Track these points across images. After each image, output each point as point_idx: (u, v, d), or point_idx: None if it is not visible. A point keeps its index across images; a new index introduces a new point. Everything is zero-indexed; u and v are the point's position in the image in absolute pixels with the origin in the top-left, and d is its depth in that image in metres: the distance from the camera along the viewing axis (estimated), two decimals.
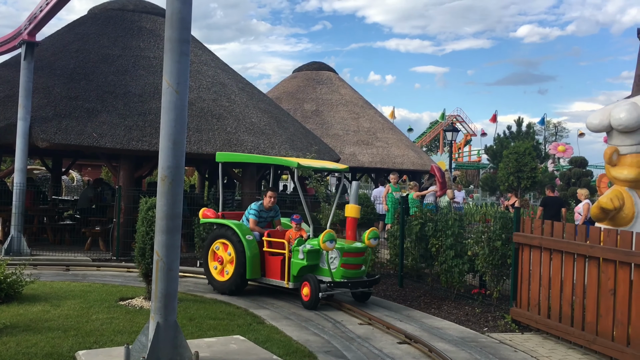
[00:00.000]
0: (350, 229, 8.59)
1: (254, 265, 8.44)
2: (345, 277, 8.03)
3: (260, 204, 9.09)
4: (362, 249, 8.25)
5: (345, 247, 8.07)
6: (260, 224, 9.06)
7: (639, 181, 6.69)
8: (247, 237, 8.51)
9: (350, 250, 8.10)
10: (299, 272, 8.15)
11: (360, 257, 8.21)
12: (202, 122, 12.91)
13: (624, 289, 5.82)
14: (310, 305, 7.86)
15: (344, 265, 8.04)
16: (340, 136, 23.40)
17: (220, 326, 6.72)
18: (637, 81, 7.28)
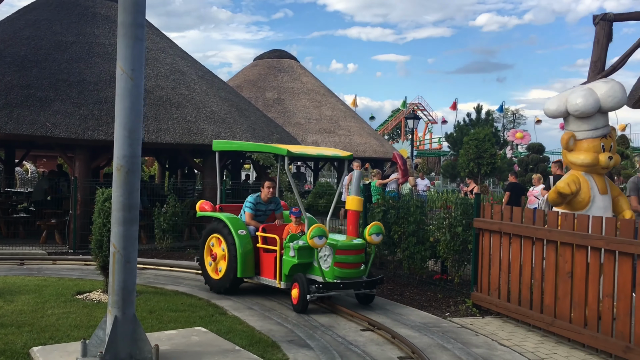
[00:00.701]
0: (351, 224, 7.68)
1: (246, 263, 7.76)
2: (340, 277, 7.18)
3: (257, 196, 8.39)
4: (359, 245, 7.38)
5: (338, 243, 7.24)
6: (259, 217, 8.37)
7: (595, 166, 6.82)
8: (239, 231, 7.85)
9: (344, 247, 7.25)
10: (290, 271, 7.40)
11: (357, 255, 7.35)
12: (160, 110, 12.65)
13: (580, 272, 5.94)
14: (298, 309, 7.12)
15: (337, 264, 7.19)
16: (302, 124, 23.31)
17: (182, 318, 6.61)
18: (592, 67, 7.41)
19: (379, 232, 7.47)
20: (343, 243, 7.28)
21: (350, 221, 7.71)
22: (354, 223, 7.67)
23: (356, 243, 7.37)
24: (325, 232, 7.02)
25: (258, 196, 8.39)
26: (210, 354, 5.17)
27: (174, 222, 12.17)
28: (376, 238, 7.46)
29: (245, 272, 7.79)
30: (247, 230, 7.94)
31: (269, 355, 5.37)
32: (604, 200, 6.89)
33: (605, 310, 5.68)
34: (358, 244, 7.38)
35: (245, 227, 8.02)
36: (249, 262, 7.81)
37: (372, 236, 7.43)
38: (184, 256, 11.47)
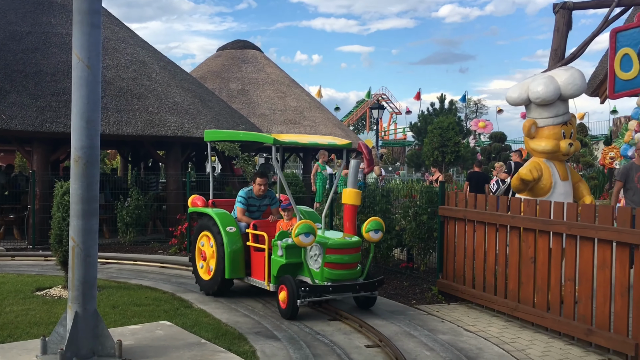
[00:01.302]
0: (348, 220, 6.90)
1: (234, 262, 7.10)
2: (331, 279, 6.42)
3: (249, 190, 7.68)
4: (353, 243, 6.55)
5: (329, 241, 6.45)
6: (253, 214, 7.69)
7: (556, 152, 6.93)
8: (228, 228, 7.19)
9: (335, 246, 6.43)
10: (278, 272, 6.72)
11: (352, 255, 6.53)
12: (121, 101, 12.38)
13: (543, 257, 6.04)
14: (286, 314, 6.40)
15: (328, 264, 6.42)
16: (267, 115, 23.14)
17: (146, 312, 6.49)
18: (552, 56, 7.52)
19: (379, 228, 6.69)
20: (334, 241, 6.47)
21: (347, 217, 6.92)
22: (351, 219, 6.89)
23: (349, 241, 6.54)
24: (312, 228, 6.25)
25: (250, 190, 7.69)
26: (175, 347, 5.08)
27: (137, 216, 11.94)
28: (375, 235, 6.69)
29: (234, 273, 7.14)
30: (237, 227, 7.30)
31: (236, 348, 5.31)
32: (564, 187, 7.01)
33: (567, 294, 5.79)
34: (352, 241, 6.55)
35: (236, 223, 7.38)
36: (238, 261, 7.17)
37: (370, 233, 6.68)
38: (148, 249, 11.29)
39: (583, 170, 23.86)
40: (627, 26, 7.18)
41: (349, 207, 6.92)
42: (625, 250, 5.16)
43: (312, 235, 6.25)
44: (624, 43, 7.02)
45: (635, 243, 4.98)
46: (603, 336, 5.31)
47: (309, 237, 6.24)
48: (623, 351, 5.12)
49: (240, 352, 5.16)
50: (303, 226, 6.23)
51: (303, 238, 6.21)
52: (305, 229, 6.22)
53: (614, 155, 17.91)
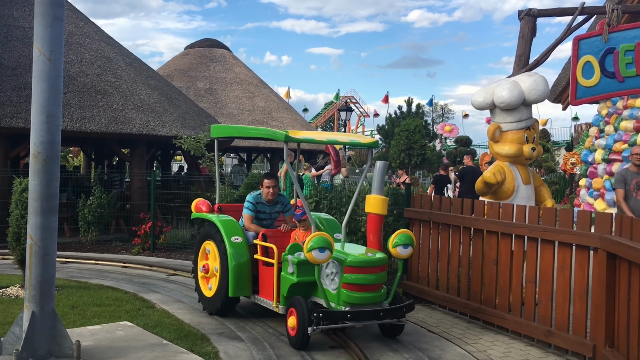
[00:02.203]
0: (372, 232, 5.97)
1: (238, 277, 6.10)
2: (350, 302, 5.38)
3: (257, 195, 6.64)
4: (377, 261, 5.50)
5: (347, 258, 5.42)
6: (263, 222, 6.67)
7: (519, 157, 7.04)
8: (233, 238, 6.20)
9: (356, 264, 5.39)
10: (289, 292, 5.69)
11: (376, 274, 5.46)
12: (85, 98, 12.13)
13: (505, 259, 6.12)
14: (295, 344, 5.38)
15: (347, 285, 5.39)
16: (234, 115, 22.99)
17: (106, 313, 6.37)
18: (517, 61, 7.66)
19: (408, 242, 5.66)
20: (355, 258, 5.44)
21: (370, 228, 5.99)
22: (376, 231, 5.96)
23: (372, 258, 5.50)
24: (328, 242, 5.24)
25: (259, 194, 6.64)
26: (135, 348, 4.99)
27: (99, 214, 11.72)
28: (404, 251, 5.66)
29: (238, 290, 6.15)
30: (243, 237, 6.29)
31: (198, 349, 5.25)
32: (527, 190, 7.13)
33: (528, 296, 5.88)
34: (375, 259, 5.50)
35: (243, 233, 6.37)
36: (244, 277, 6.16)
37: (398, 248, 5.64)
38: (110, 249, 11.09)
39: (545, 175, 24.34)
40: (590, 34, 7.36)
41: (373, 217, 5.95)
42: (585, 253, 5.27)
43: (327, 251, 5.23)
44: (586, 51, 7.19)
45: (594, 246, 5.09)
46: (562, 337, 5.41)
47: (324, 253, 5.22)
48: (581, 352, 5.22)
49: (203, 353, 5.10)
50: (317, 239, 5.20)
51: (317, 254, 5.20)
52: (320, 243, 5.18)
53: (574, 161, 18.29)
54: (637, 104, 11.05)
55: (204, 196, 10.76)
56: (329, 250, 5.26)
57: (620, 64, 7.17)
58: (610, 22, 7.12)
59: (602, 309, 4.95)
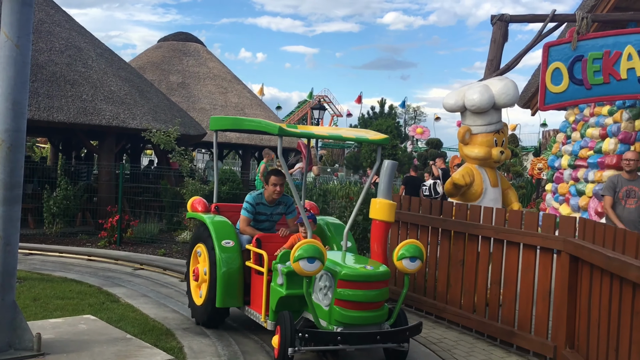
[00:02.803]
0: (376, 241, 5.30)
1: (227, 286, 5.46)
2: (342, 322, 4.65)
3: (257, 195, 5.98)
4: (378, 275, 4.77)
5: (342, 270, 4.69)
6: (262, 224, 6.01)
7: (488, 159, 7.14)
8: (224, 242, 5.58)
9: (350, 277, 4.67)
10: (277, 306, 5.02)
11: (374, 291, 4.72)
12: (53, 87, 11.90)
13: (471, 260, 6.20)
14: None
15: (340, 302, 4.66)
16: (207, 110, 22.79)
17: (69, 306, 6.25)
18: (488, 66, 7.77)
19: (416, 255, 4.95)
20: (350, 270, 4.71)
21: (375, 237, 5.31)
22: (381, 240, 5.28)
23: (371, 272, 4.76)
24: (319, 251, 4.55)
25: (259, 195, 6.00)
26: (98, 342, 4.90)
27: (65, 206, 11.51)
28: (411, 265, 4.96)
29: (227, 300, 5.51)
30: (236, 242, 5.66)
31: (162, 343, 5.19)
32: (494, 193, 7.23)
33: (492, 296, 5.97)
34: (375, 272, 4.77)
35: (236, 236, 5.72)
36: (234, 286, 5.52)
37: (404, 261, 4.95)
38: (76, 242, 10.90)
39: (513, 180, 24.74)
40: (560, 41, 7.50)
41: (378, 224, 5.25)
42: (548, 255, 5.37)
43: (318, 262, 4.55)
44: (556, 57, 7.33)
45: (558, 249, 5.19)
46: (524, 338, 5.51)
47: (313, 264, 4.53)
48: (542, 353, 5.32)
49: (167, 348, 5.04)
50: (306, 248, 4.53)
51: (305, 265, 4.51)
52: (309, 252, 4.51)
53: (542, 167, 18.66)
54: (603, 111, 11.32)
55: (199, 193, 10.66)
56: (319, 261, 4.54)
57: (588, 71, 7.32)
58: (580, 30, 7.27)
59: (563, 310, 5.05)
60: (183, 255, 10.09)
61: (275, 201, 6.02)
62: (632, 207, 6.84)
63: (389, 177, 5.26)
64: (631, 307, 3.88)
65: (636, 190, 6.86)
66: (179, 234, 11.64)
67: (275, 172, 6.01)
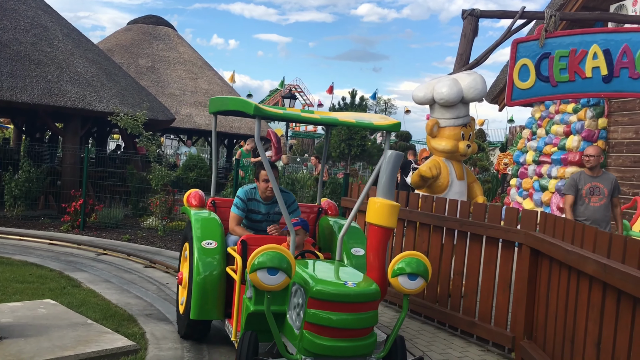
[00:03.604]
0: (373, 251, 4.28)
1: (203, 296, 4.63)
2: (313, 352, 3.71)
3: (250, 189, 5.18)
4: (360, 294, 3.76)
5: (315, 286, 3.72)
6: (258, 224, 5.20)
7: (455, 152, 7.22)
8: (204, 243, 4.75)
9: (325, 295, 3.70)
10: (247, 324, 4.11)
11: (355, 314, 3.73)
12: (17, 66, 11.59)
13: (435, 252, 6.28)
14: None
15: (310, 326, 3.73)
16: (176, 96, 22.51)
17: (29, 290, 6.14)
18: (458, 60, 7.83)
19: (419, 272, 3.99)
20: (324, 286, 3.72)
21: (372, 246, 4.29)
22: (378, 250, 4.24)
23: (353, 290, 3.74)
24: (284, 261, 3.70)
25: (253, 189, 5.18)
26: (58, 327, 4.83)
27: (27, 189, 11.26)
28: (410, 284, 4.00)
29: (202, 312, 4.65)
30: (220, 243, 4.80)
31: (124, 329, 5.13)
32: (460, 186, 7.32)
33: (454, 288, 6.06)
34: (357, 291, 3.74)
35: (221, 237, 4.87)
36: (212, 295, 4.67)
37: (401, 279, 3.99)
38: (38, 225, 10.69)
39: (479, 174, 25.09)
40: (528, 38, 7.59)
41: (376, 230, 4.22)
42: (510, 248, 5.47)
43: (281, 274, 3.69)
44: (524, 54, 7.42)
45: (519, 242, 5.28)
46: (484, 329, 5.61)
47: (275, 277, 3.69)
48: (501, 343, 5.43)
49: (129, 334, 4.99)
50: (267, 255, 3.69)
51: (264, 277, 3.68)
52: (271, 261, 3.66)
53: (507, 162, 18.94)
54: (568, 109, 11.55)
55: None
56: (284, 273, 3.69)
57: (554, 69, 7.44)
58: (548, 27, 7.37)
59: (523, 302, 5.15)
60: (148, 241, 9.98)
61: (272, 198, 5.15)
62: (597, 205, 6.63)
63: (391, 172, 4.22)
64: (587, 299, 3.98)
65: (600, 187, 6.66)
66: (144, 219, 11.50)
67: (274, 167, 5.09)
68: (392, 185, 4.25)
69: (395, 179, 4.27)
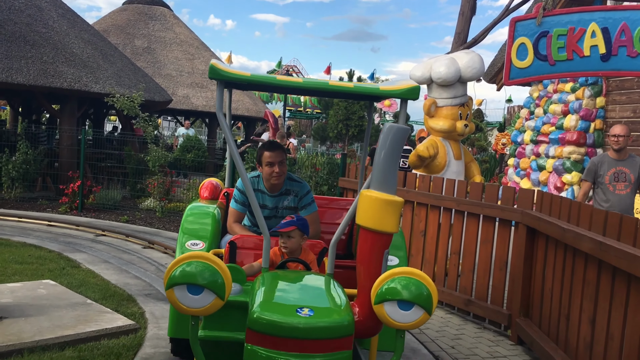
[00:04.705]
0: (365, 264, 2.96)
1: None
2: None
3: (254, 178, 4.27)
4: (321, 329, 2.62)
5: (254, 312, 2.67)
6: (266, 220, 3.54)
7: (452, 132, 7.22)
8: (189, 243, 3.82)
9: (265, 328, 2.62)
10: (197, 354, 2.87)
11: (313, 357, 2.59)
12: (12, 47, 11.50)
13: (433, 231, 6.31)
14: None
15: None
16: (173, 77, 22.39)
17: (28, 271, 6.16)
18: (456, 39, 7.80)
19: (415, 298, 2.77)
20: (269, 314, 2.65)
21: (362, 257, 2.99)
22: (370, 263, 2.94)
23: (305, 322, 2.61)
24: (212, 273, 2.66)
25: (256, 179, 4.27)
26: (57, 307, 4.87)
27: (25, 171, 11.25)
28: (401, 315, 2.79)
29: (181, 330, 3.72)
30: (211, 244, 3.87)
31: (123, 309, 5.17)
32: (457, 165, 7.34)
33: (451, 267, 6.11)
34: (311, 324, 2.61)
35: (212, 236, 3.94)
36: None
37: (389, 307, 2.79)
38: (36, 207, 10.70)
39: (477, 154, 25.10)
40: (526, 16, 7.56)
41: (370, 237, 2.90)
42: (507, 227, 5.50)
43: (208, 293, 2.65)
44: (522, 32, 7.40)
45: (516, 220, 5.31)
46: (480, 307, 5.66)
47: (199, 296, 2.65)
48: (497, 321, 5.49)
49: (128, 314, 5.03)
50: (186, 268, 2.66)
51: (183, 296, 2.65)
52: (190, 276, 2.64)
53: (505, 142, 18.94)
54: (566, 88, 11.52)
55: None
56: (211, 293, 2.64)
57: (552, 47, 7.42)
58: (546, 6, 7.33)
59: (519, 281, 5.20)
60: (146, 222, 10.00)
61: (280, 189, 4.23)
62: (623, 193, 5.78)
63: (391, 154, 2.85)
64: (583, 277, 4.02)
65: (627, 173, 5.76)
66: (142, 201, 11.51)
67: (269, 145, 4.24)
68: (392, 172, 2.89)
69: (397, 163, 2.95)
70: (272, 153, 4.14)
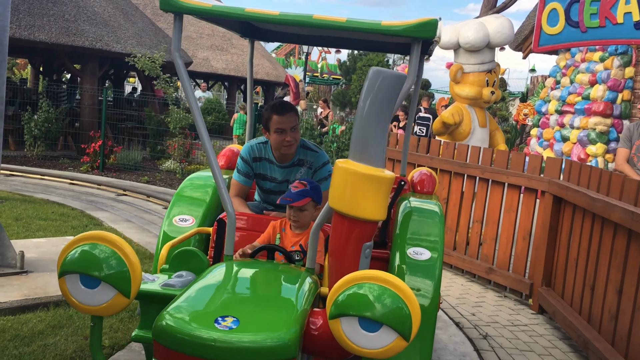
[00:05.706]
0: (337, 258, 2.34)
1: None
2: None
3: (258, 144, 3.50)
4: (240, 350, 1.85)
5: (159, 320, 1.96)
6: (270, 195, 3.51)
7: (478, 99, 7.08)
8: (177, 218, 3.34)
9: (172, 342, 1.90)
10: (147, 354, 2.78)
11: None
12: (35, 5, 11.46)
13: (455, 198, 6.25)
14: None
15: None
16: (193, 39, 22.26)
17: (52, 227, 6.23)
18: (485, 3, 7.59)
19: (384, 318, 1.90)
20: (182, 324, 1.92)
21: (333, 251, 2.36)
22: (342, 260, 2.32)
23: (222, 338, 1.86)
24: (113, 261, 2.06)
25: (263, 144, 3.50)
26: None
27: (46, 129, 11.32)
28: (363, 337, 1.93)
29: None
30: (200, 220, 3.35)
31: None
32: (482, 133, 7.22)
33: (473, 235, 6.06)
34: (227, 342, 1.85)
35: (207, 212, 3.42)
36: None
37: (347, 324, 1.94)
38: (57, 165, 10.80)
39: (499, 124, 24.79)
40: None
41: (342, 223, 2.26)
42: (532, 195, 5.42)
43: (106, 288, 2.07)
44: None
45: (542, 189, 5.23)
46: (502, 275, 5.63)
47: (95, 290, 2.08)
48: (519, 290, 5.45)
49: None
50: (78, 253, 2.08)
51: (76, 289, 2.08)
52: (82, 264, 2.07)
53: (527, 112, 18.63)
54: (594, 57, 11.23)
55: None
56: (111, 288, 2.09)
57: (585, 14, 7.20)
58: None
59: (542, 250, 5.14)
60: (166, 183, 10.05)
61: (292, 159, 3.44)
62: None
63: (378, 110, 2.16)
64: (611, 247, 3.96)
65: None
66: (162, 162, 11.56)
67: (280, 107, 3.35)
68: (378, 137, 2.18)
69: (387, 123, 2.21)
70: (283, 117, 3.28)
